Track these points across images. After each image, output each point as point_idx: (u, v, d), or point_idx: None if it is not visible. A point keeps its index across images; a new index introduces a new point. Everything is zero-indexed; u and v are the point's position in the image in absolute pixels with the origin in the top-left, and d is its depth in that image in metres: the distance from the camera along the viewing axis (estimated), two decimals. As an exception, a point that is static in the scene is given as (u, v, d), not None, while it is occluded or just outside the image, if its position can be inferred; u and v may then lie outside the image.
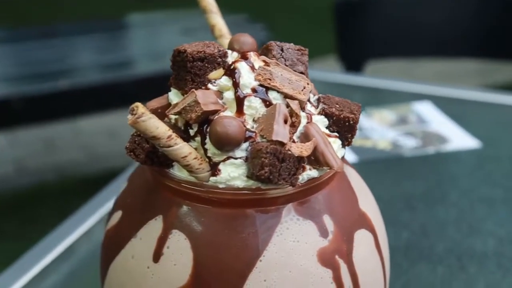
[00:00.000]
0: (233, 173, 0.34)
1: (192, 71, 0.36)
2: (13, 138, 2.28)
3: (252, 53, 0.37)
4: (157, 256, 0.35)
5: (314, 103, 0.39)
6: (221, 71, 0.36)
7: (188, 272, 0.35)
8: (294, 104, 0.35)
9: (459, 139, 0.81)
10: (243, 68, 0.36)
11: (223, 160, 0.35)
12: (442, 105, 0.91)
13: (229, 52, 0.37)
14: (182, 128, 0.36)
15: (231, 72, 0.36)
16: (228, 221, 0.35)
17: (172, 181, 0.36)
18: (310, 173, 0.35)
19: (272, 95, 0.36)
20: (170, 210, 0.36)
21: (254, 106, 0.35)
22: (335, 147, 0.37)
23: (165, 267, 0.35)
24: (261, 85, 0.35)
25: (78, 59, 2.04)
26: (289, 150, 0.34)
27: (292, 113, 0.35)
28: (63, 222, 0.66)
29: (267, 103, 0.35)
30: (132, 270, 0.36)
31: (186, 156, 0.34)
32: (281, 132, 0.34)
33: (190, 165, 0.34)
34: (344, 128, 0.38)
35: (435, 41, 1.40)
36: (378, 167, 0.76)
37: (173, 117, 0.36)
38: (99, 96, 1.80)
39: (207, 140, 0.35)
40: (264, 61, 0.37)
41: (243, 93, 0.35)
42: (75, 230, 0.64)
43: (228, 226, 0.35)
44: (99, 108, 1.91)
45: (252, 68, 0.36)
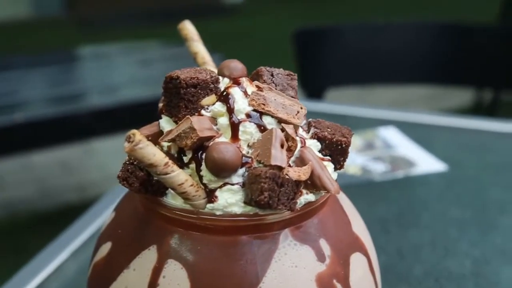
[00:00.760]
0: (230, 199, 0.34)
1: (186, 97, 0.35)
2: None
3: (244, 79, 0.37)
4: (152, 287, 0.34)
5: (305, 128, 0.39)
6: (213, 97, 0.36)
7: (186, 302, 0.34)
8: (290, 129, 0.35)
9: (426, 163, 0.82)
10: (236, 93, 0.36)
11: (220, 187, 0.34)
12: (406, 129, 0.92)
13: (220, 78, 0.37)
14: (176, 155, 0.35)
15: (225, 98, 0.36)
16: (226, 249, 0.34)
17: (166, 210, 0.35)
18: (307, 197, 0.35)
19: (267, 120, 0.35)
20: (164, 239, 0.35)
21: (249, 131, 0.35)
22: (329, 171, 0.37)
23: (162, 298, 0.34)
24: (255, 110, 0.35)
25: (30, 92, 2.00)
26: (287, 174, 0.33)
27: (288, 138, 0.35)
28: (33, 259, 0.63)
29: (262, 128, 0.35)
30: (126, 303, 0.35)
31: (182, 184, 0.33)
32: (279, 157, 0.34)
33: (186, 193, 0.34)
34: (336, 152, 0.38)
35: (390, 68, 1.43)
36: (350, 192, 0.76)
37: (166, 144, 0.36)
38: (53, 129, 1.76)
39: (202, 167, 0.34)
40: (257, 86, 0.37)
41: (238, 119, 0.35)
42: (46, 266, 0.62)
43: (225, 254, 0.34)
44: (52, 141, 1.87)
45: (245, 93, 0.36)
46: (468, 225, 0.69)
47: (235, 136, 0.35)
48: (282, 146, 0.34)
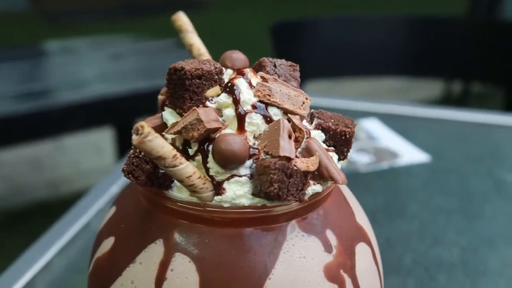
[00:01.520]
0: (238, 191, 0.34)
1: (191, 88, 0.35)
2: None
3: (248, 70, 0.37)
4: (159, 281, 0.34)
5: (307, 118, 0.38)
6: (218, 88, 0.36)
7: (195, 295, 0.33)
8: (296, 119, 0.35)
9: (409, 154, 0.83)
10: (242, 84, 0.35)
11: (227, 179, 0.34)
12: (388, 121, 0.93)
13: (223, 69, 0.37)
14: (181, 147, 0.35)
15: (230, 89, 0.35)
16: (234, 241, 0.34)
17: (172, 203, 0.35)
18: (314, 188, 0.35)
19: (273, 111, 0.35)
20: (171, 233, 0.35)
21: (255, 122, 0.34)
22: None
23: (170, 292, 0.34)
24: (260, 101, 0.35)
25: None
26: (295, 165, 0.33)
27: (295, 128, 0.35)
28: (20, 257, 0.62)
29: (268, 119, 0.35)
30: (132, 298, 0.35)
31: (190, 176, 0.33)
32: (287, 148, 0.33)
33: (194, 185, 0.33)
34: (340, 142, 0.38)
35: (364, 61, 1.45)
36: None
37: (170, 136, 0.35)
38: (22, 126, 1.73)
39: (209, 159, 0.34)
40: (262, 77, 0.36)
41: (244, 110, 0.35)
42: (33, 264, 0.61)
43: (234, 246, 0.34)
44: (22, 138, 1.83)
45: (250, 84, 0.36)
46: (454, 214, 0.70)
47: (241, 128, 0.34)
48: (289, 137, 0.34)
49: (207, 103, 0.35)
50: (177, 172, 0.33)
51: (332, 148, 0.38)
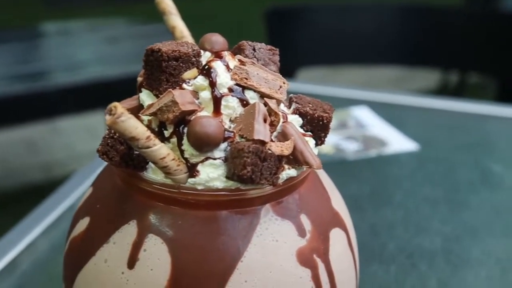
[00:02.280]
0: (212, 174, 0.34)
1: (167, 70, 0.35)
2: None
3: (226, 53, 0.36)
4: (132, 262, 0.34)
5: (286, 103, 0.38)
6: (195, 70, 0.36)
7: (166, 277, 0.33)
8: (272, 103, 0.35)
9: (398, 142, 0.83)
10: (219, 67, 0.35)
11: (202, 161, 0.34)
12: (378, 109, 0.93)
13: (201, 51, 0.37)
14: (156, 129, 0.35)
15: (207, 72, 0.35)
16: (207, 223, 0.34)
17: (146, 184, 0.35)
18: (289, 172, 0.35)
19: (249, 95, 0.35)
20: (145, 214, 0.35)
21: (231, 105, 0.34)
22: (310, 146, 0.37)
23: (141, 272, 0.34)
24: (237, 84, 0.35)
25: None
26: (269, 149, 0.33)
27: (271, 112, 0.35)
28: (4, 236, 0.62)
29: (244, 102, 0.35)
30: (105, 277, 0.35)
31: (164, 158, 0.33)
32: (262, 131, 0.33)
33: (168, 167, 0.33)
34: (317, 127, 0.38)
35: (359, 49, 1.44)
36: (324, 170, 0.77)
37: (146, 118, 0.35)
38: (17, 107, 1.72)
39: (184, 141, 0.34)
40: (239, 60, 0.36)
41: (220, 93, 0.35)
42: (17, 243, 0.61)
43: (207, 229, 0.34)
44: (16, 120, 1.83)
45: (228, 67, 0.36)
46: (440, 203, 0.70)
47: (217, 110, 0.34)
48: (265, 121, 0.34)
49: (184, 86, 0.35)
50: (151, 153, 0.33)
51: (309, 133, 0.38)
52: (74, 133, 2.40)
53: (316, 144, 0.38)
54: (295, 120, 0.37)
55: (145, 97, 0.36)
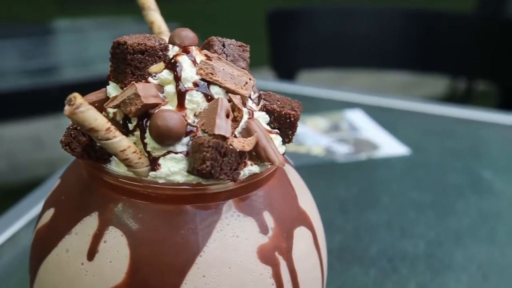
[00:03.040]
0: (173, 168, 0.34)
1: (132, 63, 0.35)
2: None
3: (193, 47, 0.37)
4: (92, 253, 0.34)
5: (255, 100, 0.38)
6: (162, 64, 0.36)
7: (124, 270, 0.33)
8: (236, 99, 0.35)
9: (389, 146, 0.83)
10: (184, 62, 0.35)
11: (163, 155, 0.34)
12: (372, 113, 0.93)
13: (170, 46, 0.37)
14: (121, 122, 0.35)
15: (172, 66, 0.35)
16: (167, 217, 0.34)
17: (109, 176, 0.35)
18: (251, 168, 0.35)
19: (214, 90, 0.35)
20: (106, 206, 0.35)
21: (195, 100, 0.34)
22: (276, 144, 0.37)
23: (100, 264, 0.34)
24: (203, 79, 0.35)
25: (3, 63, 1.96)
26: (231, 144, 0.33)
27: (234, 108, 0.35)
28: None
29: (209, 97, 0.35)
30: (65, 267, 0.35)
31: (125, 150, 0.33)
32: (223, 126, 0.33)
33: (129, 159, 0.33)
34: (285, 125, 0.38)
35: (365, 53, 1.44)
36: (312, 172, 0.76)
37: (111, 110, 0.35)
38: (23, 102, 1.73)
39: (146, 134, 0.34)
40: (206, 55, 0.36)
41: (185, 87, 0.35)
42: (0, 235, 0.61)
43: (167, 223, 0.34)
44: (24, 114, 1.84)
45: (194, 62, 0.36)
46: (426, 208, 0.70)
47: (181, 105, 0.34)
48: (227, 116, 0.34)
49: (150, 79, 0.35)
50: (111, 145, 0.33)
51: (276, 130, 0.38)
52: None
53: (284, 142, 0.38)
54: (262, 117, 0.37)
55: (112, 90, 0.36)
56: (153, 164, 0.34)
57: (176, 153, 0.34)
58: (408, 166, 0.79)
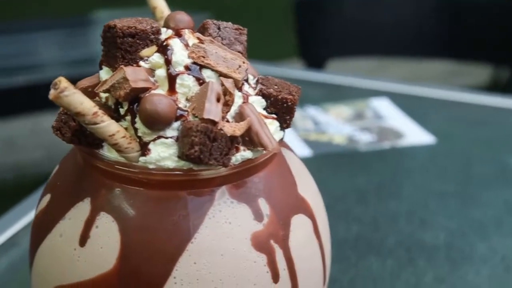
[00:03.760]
0: (164, 153, 0.33)
1: (122, 47, 0.34)
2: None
3: (186, 31, 0.36)
4: (83, 239, 0.34)
5: (253, 85, 0.37)
6: (154, 48, 0.35)
7: (115, 255, 0.33)
8: (228, 83, 0.34)
9: (415, 135, 0.81)
10: (176, 45, 0.35)
11: (153, 140, 0.33)
12: (399, 101, 0.91)
13: (163, 29, 0.36)
14: (113, 106, 0.35)
15: (164, 49, 0.34)
16: (159, 203, 0.34)
17: (100, 162, 0.34)
18: (244, 154, 0.34)
19: (206, 74, 0.34)
20: (98, 192, 0.34)
21: (186, 84, 0.34)
22: (272, 129, 0.36)
23: (92, 250, 0.34)
24: (194, 63, 0.34)
25: (40, 55, 2.00)
26: (221, 129, 0.32)
27: (226, 92, 0.34)
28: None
29: (201, 81, 0.34)
30: (59, 252, 0.35)
31: (113, 135, 0.33)
32: (213, 111, 0.33)
33: (118, 144, 0.33)
34: (282, 110, 0.37)
35: (398, 41, 1.40)
36: (333, 161, 0.75)
37: (104, 95, 0.35)
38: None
39: (137, 119, 0.33)
40: (198, 38, 0.35)
41: (176, 71, 0.34)
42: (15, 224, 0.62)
43: (158, 209, 0.33)
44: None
45: (186, 45, 0.35)
46: (449, 198, 0.68)
47: (172, 89, 0.34)
48: (218, 100, 0.33)
49: (141, 63, 0.35)
50: (98, 130, 0.32)
51: (273, 115, 0.37)
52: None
53: (281, 128, 0.37)
54: (258, 102, 0.36)
55: (104, 74, 0.35)
56: (144, 149, 0.33)
57: (167, 138, 0.33)
58: (433, 155, 0.77)
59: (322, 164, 0.74)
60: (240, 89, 0.36)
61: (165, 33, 0.36)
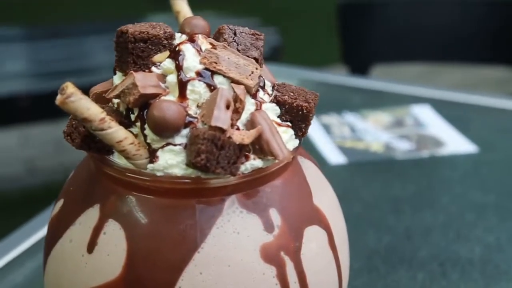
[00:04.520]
0: (171, 160, 0.32)
1: (134, 52, 0.34)
2: (23, 136, 2.29)
3: (200, 36, 0.35)
4: (91, 246, 0.34)
5: (269, 91, 0.37)
6: (166, 53, 0.35)
7: (121, 264, 0.33)
8: (239, 89, 0.33)
9: (456, 143, 0.78)
10: (188, 50, 0.34)
11: (162, 147, 0.33)
12: (441, 108, 0.88)
13: (178, 34, 0.36)
14: (124, 112, 0.34)
15: (175, 55, 0.34)
16: (166, 212, 0.33)
17: (110, 168, 0.34)
18: (254, 162, 0.33)
19: (218, 80, 0.34)
20: (108, 199, 0.34)
21: (197, 90, 0.33)
22: (286, 137, 0.35)
23: (99, 257, 0.33)
24: (206, 68, 0.34)
25: (90, 59, 2.04)
26: (230, 137, 0.32)
27: (237, 98, 0.33)
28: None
29: (212, 88, 0.33)
30: (68, 258, 0.35)
31: (121, 141, 0.32)
32: (221, 118, 0.32)
33: (126, 151, 0.33)
34: (297, 118, 0.36)
35: (447, 46, 1.36)
36: (368, 169, 0.73)
37: (116, 101, 0.35)
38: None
39: (146, 126, 0.33)
40: (211, 43, 0.35)
41: (186, 77, 0.33)
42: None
43: (165, 217, 0.33)
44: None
45: (199, 51, 0.34)
46: (487, 210, 0.65)
47: (182, 95, 0.33)
48: (227, 107, 0.32)
49: (153, 68, 0.34)
50: (106, 136, 0.32)
51: (287, 123, 0.36)
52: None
53: (296, 136, 0.36)
54: (271, 109, 0.35)
55: (117, 80, 0.35)
56: (152, 156, 0.33)
57: (175, 145, 0.33)
58: (473, 165, 0.74)
59: (356, 172, 0.73)
60: (254, 95, 0.35)
61: (179, 38, 0.35)
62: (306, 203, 0.36)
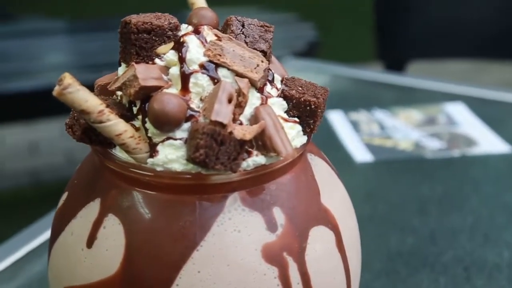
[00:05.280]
0: (171, 155, 0.32)
1: (137, 43, 0.33)
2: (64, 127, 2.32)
3: (205, 27, 0.34)
4: (90, 240, 0.33)
5: (278, 86, 0.35)
6: (170, 45, 0.34)
7: (119, 259, 0.32)
8: (243, 83, 0.32)
9: (489, 143, 0.75)
10: (192, 42, 0.33)
11: (162, 141, 0.32)
12: (475, 106, 0.85)
13: (184, 26, 0.35)
14: (127, 105, 0.34)
15: (179, 46, 0.33)
16: (165, 207, 0.32)
17: (111, 162, 0.33)
18: (256, 159, 0.32)
19: (222, 73, 0.32)
20: (108, 193, 0.34)
21: (200, 83, 0.32)
22: (293, 133, 0.34)
23: (97, 252, 0.33)
24: (210, 61, 0.33)
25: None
26: (231, 132, 0.30)
27: (240, 92, 0.32)
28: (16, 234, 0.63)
29: (216, 81, 0.32)
30: (70, 251, 0.34)
31: (120, 134, 0.31)
32: (222, 112, 0.31)
33: (125, 144, 0.32)
34: (305, 113, 0.34)
35: (491, 42, 1.32)
36: (396, 168, 0.71)
37: (119, 93, 0.34)
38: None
39: (147, 119, 0.32)
40: (216, 35, 0.34)
41: (189, 69, 0.32)
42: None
43: (165, 213, 0.32)
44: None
45: (203, 43, 0.33)
46: (519, 213, 0.62)
47: (185, 88, 0.32)
48: (229, 101, 0.31)
49: (156, 60, 0.33)
50: (105, 128, 0.31)
51: (295, 119, 0.34)
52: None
53: (304, 132, 0.35)
54: (278, 104, 0.34)
55: (121, 72, 0.34)
56: (152, 150, 0.32)
57: (175, 139, 0.32)
58: (506, 165, 0.72)
59: (383, 170, 0.71)
60: (261, 90, 0.34)
61: (185, 29, 0.34)
62: (313, 202, 0.35)
